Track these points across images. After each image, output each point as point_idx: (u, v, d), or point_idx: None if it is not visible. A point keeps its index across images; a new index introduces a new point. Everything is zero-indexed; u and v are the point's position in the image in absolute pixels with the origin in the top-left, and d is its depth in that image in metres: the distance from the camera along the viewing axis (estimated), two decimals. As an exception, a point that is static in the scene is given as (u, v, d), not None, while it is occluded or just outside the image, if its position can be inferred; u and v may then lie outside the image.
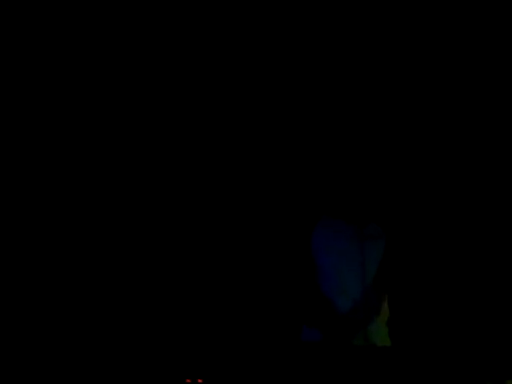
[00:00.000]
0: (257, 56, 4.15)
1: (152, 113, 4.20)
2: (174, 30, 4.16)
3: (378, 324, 3.00)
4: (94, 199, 4.16)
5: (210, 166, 4.22)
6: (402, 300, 3.22)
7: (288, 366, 3.13)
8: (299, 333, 3.06)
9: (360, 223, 3.11)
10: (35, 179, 4.14)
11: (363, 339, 2.97)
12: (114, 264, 4.08)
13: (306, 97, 4.14)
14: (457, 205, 4.12)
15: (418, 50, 4.13)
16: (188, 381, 3.63)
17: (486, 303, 4.03)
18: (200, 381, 3.62)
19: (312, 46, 4.15)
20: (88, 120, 4.19)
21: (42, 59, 4.15)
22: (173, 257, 4.10)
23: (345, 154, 3.21)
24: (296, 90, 4.14)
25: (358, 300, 3.01)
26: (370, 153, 3.25)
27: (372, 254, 3.08)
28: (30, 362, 3.76)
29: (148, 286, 4.10)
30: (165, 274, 4.11)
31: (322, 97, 4.12)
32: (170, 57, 4.19)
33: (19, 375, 3.75)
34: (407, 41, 4.12)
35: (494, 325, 3.97)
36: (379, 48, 4.15)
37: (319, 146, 3.59)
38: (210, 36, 4.15)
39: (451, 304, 4.00)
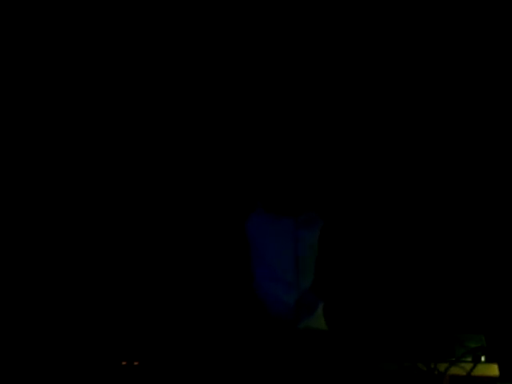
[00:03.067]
0: (250, 55, 4.14)
1: (144, 113, 4.17)
2: (173, 29, 4.12)
3: (315, 310, 3.02)
4: (93, 199, 4.12)
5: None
6: (337, 285, 3.26)
7: (229, 353, 3.15)
8: (242, 322, 3.07)
9: (294, 212, 3.12)
10: (35, 179, 4.08)
11: (302, 325, 3.00)
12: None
13: (244, 86, 4.14)
14: (391, 190, 4.18)
15: (417, 50, 4.16)
16: (124, 363, 3.62)
17: (417, 288, 4.12)
18: (136, 363, 3.61)
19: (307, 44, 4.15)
20: (88, 120, 4.14)
21: (41, 59, 4.08)
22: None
23: (281, 145, 3.22)
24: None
25: (292, 285, 3.03)
26: (306, 143, 3.27)
27: (306, 240, 3.09)
28: (28, 361, 3.73)
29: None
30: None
31: (256, 87, 4.13)
32: (169, 57, 4.16)
33: (19, 375, 3.70)
34: (407, 41, 4.15)
35: (427, 310, 4.07)
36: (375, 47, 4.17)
37: (254, 139, 3.60)
38: (210, 36, 4.13)
39: (385, 288, 4.08)
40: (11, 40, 4.07)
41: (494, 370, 3.61)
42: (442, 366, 3.57)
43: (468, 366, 3.59)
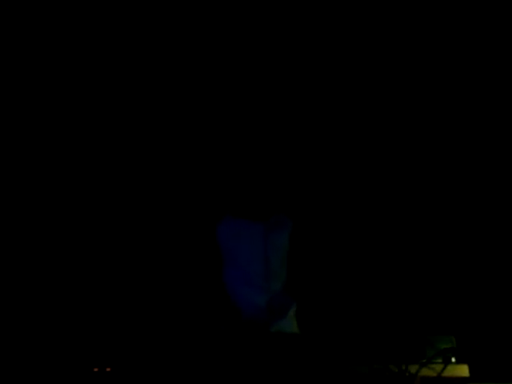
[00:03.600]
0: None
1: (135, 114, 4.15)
2: (174, 30, 4.11)
3: (287, 313, 3.03)
4: (93, 199, 4.09)
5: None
6: (309, 287, 3.27)
7: (200, 355, 3.14)
8: (214, 326, 3.06)
9: (264, 216, 3.13)
10: (35, 179, 4.04)
11: (273, 328, 3.00)
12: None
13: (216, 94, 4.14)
14: (359, 188, 4.19)
15: (417, 51, 4.17)
16: (95, 369, 3.60)
17: (387, 290, 4.14)
18: (108, 369, 3.59)
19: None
20: (88, 120, 4.12)
21: (42, 59, 4.05)
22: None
23: (247, 147, 3.23)
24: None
25: (263, 288, 3.03)
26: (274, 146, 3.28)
27: (275, 242, 3.10)
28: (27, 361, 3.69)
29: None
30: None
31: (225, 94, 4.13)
32: (169, 57, 4.15)
33: (19, 375, 3.67)
34: (407, 41, 4.16)
35: (397, 311, 4.09)
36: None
37: (222, 143, 3.61)
38: (210, 36, 4.12)
39: (356, 291, 4.09)
40: (11, 40, 4.05)
41: (464, 370, 3.65)
42: (413, 368, 3.59)
43: (439, 368, 3.62)
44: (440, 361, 3.67)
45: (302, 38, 4.17)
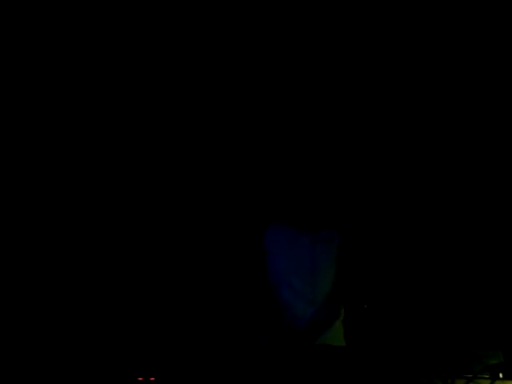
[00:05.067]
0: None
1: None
2: (174, 30, 4.14)
3: (332, 325, 3.01)
4: (93, 199, 4.12)
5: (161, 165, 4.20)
6: (356, 302, 3.25)
7: (244, 366, 3.13)
8: (257, 335, 3.05)
9: (312, 228, 3.11)
10: (35, 179, 4.09)
11: (319, 340, 2.98)
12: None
13: (260, 100, 4.15)
14: (410, 208, 4.17)
15: (417, 51, 4.15)
16: (140, 379, 3.60)
17: (439, 305, 4.10)
18: (152, 379, 3.60)
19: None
20: (88, 120, 4.16)
21: (42, 59, 4.11)
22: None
23: (301, 159, 3.21)
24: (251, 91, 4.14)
25: (310, 303, 3.00)
26: (326, 157, 3.26)
27: (323, 257, 3.07)
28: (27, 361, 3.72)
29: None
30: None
31: (275, 101, 4.13)
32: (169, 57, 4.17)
33: (19, 375, 3.70)
34: (407, 41, 4.14)
35: (444, 325, 4.04)
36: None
37: (274, 151, 3.60)
38: (210, 36, 4.14)
39: (404, 305, 4.06)
40: (11, 40, 4.08)
41: (512, 386, 3.58)
42: (460, 383, 3.53)
43: (486, 383, 3.56)
44: (487, 376, 3.60)
45: (302, 38, 4.16)
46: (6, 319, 3.86)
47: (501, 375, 3.61)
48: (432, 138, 4.18)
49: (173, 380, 3.57)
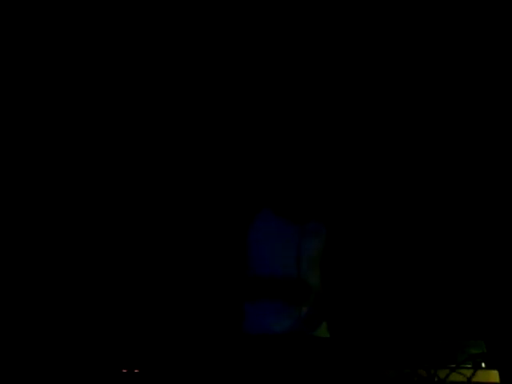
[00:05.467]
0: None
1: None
2: (174, 30, 4.13)
3: (315, 316, 3.00)
4: (92, 199, 4.11)
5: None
6: (340, 295, 3.25)
7: (229, 357, 3.13)
8: (238, 325, 3.04)
9: (300, 219, 3.09)
10: (35, 179, 4.07)
11: (300, 331, 2.97)
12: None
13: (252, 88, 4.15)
14: (396, 201, 4.19)
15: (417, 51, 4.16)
16: (124, 371, 3.61)
17: (422, 297, 4.12)
18: (136, 371, 3.60)
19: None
20: (88, 120, 4.15)
21: (42, 59, 4.09)
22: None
23: (292, 150, 3.20)
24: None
25: (292, 294, 2.99)
26: (318, 149, 3.26)
27: (309, 249, 3.06)
28: (27, 367, 3.72)
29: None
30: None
31: (266, 90, 4.13)
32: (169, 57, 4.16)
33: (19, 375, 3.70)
34: (407, 41, 4.15)
35: (427, 316, 4.07)
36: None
37: (266, 140, 3.60)
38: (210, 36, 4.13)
39: (387, 296, 4.08)
40: (11, 40, 4.07)
41: (494, 376, 3.61)
42: (443, 373, 3.56)
43: (468, 373, 3.59)
44: (470, 366, 3.63)
45: (301, 38, 4.16)
46: (3, 312, 3.86)
47: (483, 365, 3.64)
48: (416, 130, 4.20)
49: (157, 372, 3.57)
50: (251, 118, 4.07)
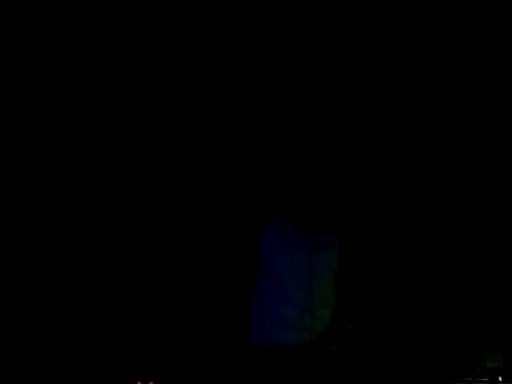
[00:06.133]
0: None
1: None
2: (173, 30, 4.14)
3: (323, 329, 2.96)
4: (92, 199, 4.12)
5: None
6: (350, 309, 3.23)
7: (235, 369, 3.12)
8: (245, 337, 3.01)
9: (313, 231, 3.04)
10: (35, 179, 4.09)
11: (308, 344, 2.93)
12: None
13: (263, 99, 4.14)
14: (411, 217, 4.16)
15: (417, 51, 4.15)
16: (139, 383, 3.61)
17: (439, 309, 4.09)
18: (151, 383, 3.60)
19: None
20: (88, 120, 4.16)
21: (42, 59, 4.11)
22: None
23: (305, 159, 3.17)
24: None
25: (301, 307, 2.94)
26: (332, 160, 3.23)
27: (321, 264, 3.01)
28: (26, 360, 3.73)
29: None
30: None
31: (281, 100, 4.13)
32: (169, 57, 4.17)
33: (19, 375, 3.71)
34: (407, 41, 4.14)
35: (443, 329, 4.04)
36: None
37: (278, 148, 3.58)
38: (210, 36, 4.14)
39: (402, 308, 4.05)
40: (11, 40, 4.09)
41: (511, 390, 3.57)
42: (459, 387, 3.53)
43: (485, 387, 3.55)
44: (486, 380, 3.59)
45: (301, 38, 4.15)
46: (7, 320, 3.87)
47: (500, 378, 3.60)
48: (431, 143, 4.18)
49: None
50: (261, 125, 4.06)
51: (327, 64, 4.18)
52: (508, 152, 4.16)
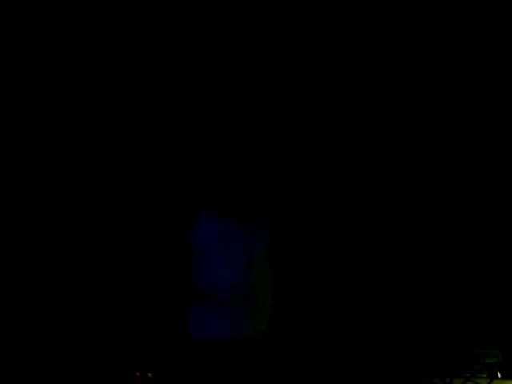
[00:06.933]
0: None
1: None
2: (173, 30, 4.13)
3: (258, 316, 2.96)
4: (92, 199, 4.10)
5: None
6: (287, 292, 3.20)
7: (173, 360, 3.12)
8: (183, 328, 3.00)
9: (244, 217, 3.06)
10: (35, 179, 4.08)
11: (242, 332, 2.92)
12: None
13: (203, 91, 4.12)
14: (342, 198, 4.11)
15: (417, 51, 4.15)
16: (137, 374, 3.61)
17: (438, 305, 4.09)
18: (150, 374, 3.60)
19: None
20: (88, 120, 4.15)
21: (42, 59, 4.10)
22: None
23: (235, 151, 3.16)
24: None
25: (238, 291, 2.96)
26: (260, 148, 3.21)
27: (255, 246, 3.03)
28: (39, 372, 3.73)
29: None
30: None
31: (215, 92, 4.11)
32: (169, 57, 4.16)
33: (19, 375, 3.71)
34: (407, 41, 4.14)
35: (443, 325, 4.04)
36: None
37: (205, 141, 3.57)
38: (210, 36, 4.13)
39: (401, 304, 4.05)
40: (11, 40, 4.08)
41: (510, 386, 3.59)
42: (458, 382, 3.54)
43: (484, 382, 3.56)
44: (485, 375, 3.60)
45: (301, 38, 4.15)
46: (4, 315, 3.87)
47: (499, 374, 3.61)
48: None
49: (170, 376, 3.57)
50: (181, 114, 4.03)
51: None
52: (508, 152, 4.16)
